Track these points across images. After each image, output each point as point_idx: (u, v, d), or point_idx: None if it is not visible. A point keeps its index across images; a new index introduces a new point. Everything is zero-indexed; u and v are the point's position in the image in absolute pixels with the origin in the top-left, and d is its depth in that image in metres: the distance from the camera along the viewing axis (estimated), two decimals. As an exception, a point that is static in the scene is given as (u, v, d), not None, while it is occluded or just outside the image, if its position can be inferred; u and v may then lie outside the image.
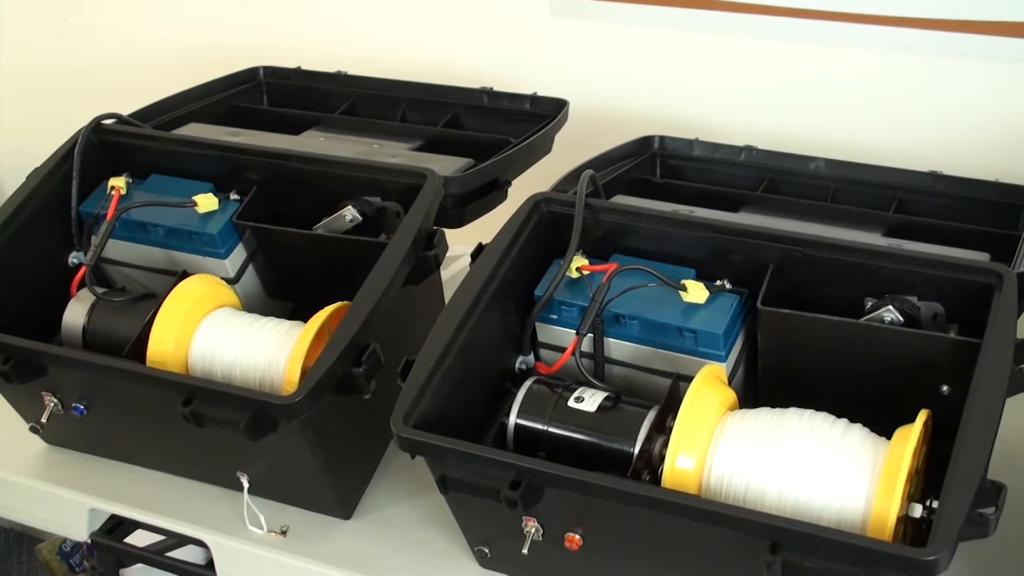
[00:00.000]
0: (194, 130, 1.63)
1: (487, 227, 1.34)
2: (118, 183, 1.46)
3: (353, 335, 1.21)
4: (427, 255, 1.33)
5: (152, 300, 1.37)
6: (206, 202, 1.43)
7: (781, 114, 1.75)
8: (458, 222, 1.45)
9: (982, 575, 1.24)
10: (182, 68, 1.85)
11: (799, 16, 1.67)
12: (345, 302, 1.28)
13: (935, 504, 1.02)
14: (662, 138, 1.60)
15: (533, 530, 1.13)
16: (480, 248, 1.29)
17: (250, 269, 1.47)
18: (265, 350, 1.30)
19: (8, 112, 2.39)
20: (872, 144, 1.67)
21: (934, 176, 1.47)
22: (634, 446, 1.15)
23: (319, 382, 1.18)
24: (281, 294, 1.51)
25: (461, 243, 1.43)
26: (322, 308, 1.29)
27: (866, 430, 1.11)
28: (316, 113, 1.71)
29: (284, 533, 1.33)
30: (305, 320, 1.29)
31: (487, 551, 1.24)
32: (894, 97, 1.68)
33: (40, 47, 2.33)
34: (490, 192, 1.49)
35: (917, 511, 1.05)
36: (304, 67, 1.80)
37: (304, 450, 1.24)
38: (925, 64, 1.64)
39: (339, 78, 1.77)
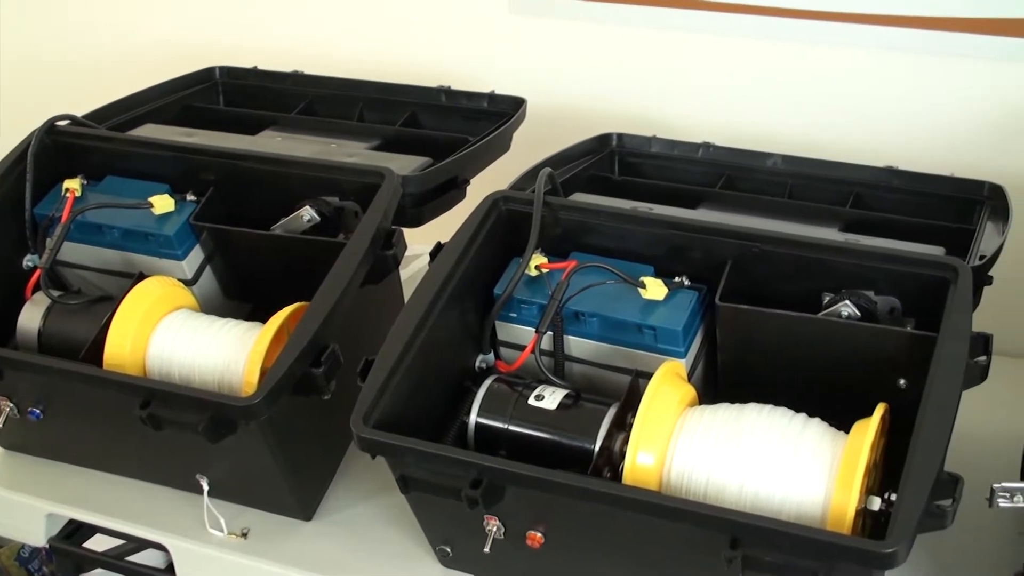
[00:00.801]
0: (150, 131, 1.61)
1: (446, 226, 1.34)
2: (73, 185, 1.45)
3: (312, 336, 1.21)
4: (386, 255, 1.32)
5: (108, 303, 1.36)
6: (162, 203, 1.42)
7: (739, 111, 1.75)
8: (417, 221, 1.45)
9: (940, 567, 1.25)
10: (138, 69, 1.83)
11: (755, 13, 1.68)
12: (304, 302, 1.27)
13: (893, 497, 1.03)
14: (620, 135, 1.60)
15: (495, 529, 1.13)
16: (439, 247, 1.29)
17: (208, 270, 1.46)
18: (223, 351, 1.29)
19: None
20: (829, 140, 1.68)
21: (890, 171, 1.48)
22: (595, 443, 1.15)
23: (278, 383, 1.17)
24: (239, 295, 1.50)
25: (420, 242, 1.42)
26: (281, 309, 1.29)
27: (824, 424, 1.12)
28: (273, 113, 1.71)
29: (245, 535, 1.32)
30: (264, 321, 1.29)
31: (449, 550, 1.23)
32: (850, 93, 1.69)
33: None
34: (448, 191, 1.49)
35: (876, 504, 1.06)
36: (261, 67, 1.79)
37: (264, 452, 1.23)
38: (881, 60, 1.65)
39: (296, 78, 1.77)
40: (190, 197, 1.44)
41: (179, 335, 1.31)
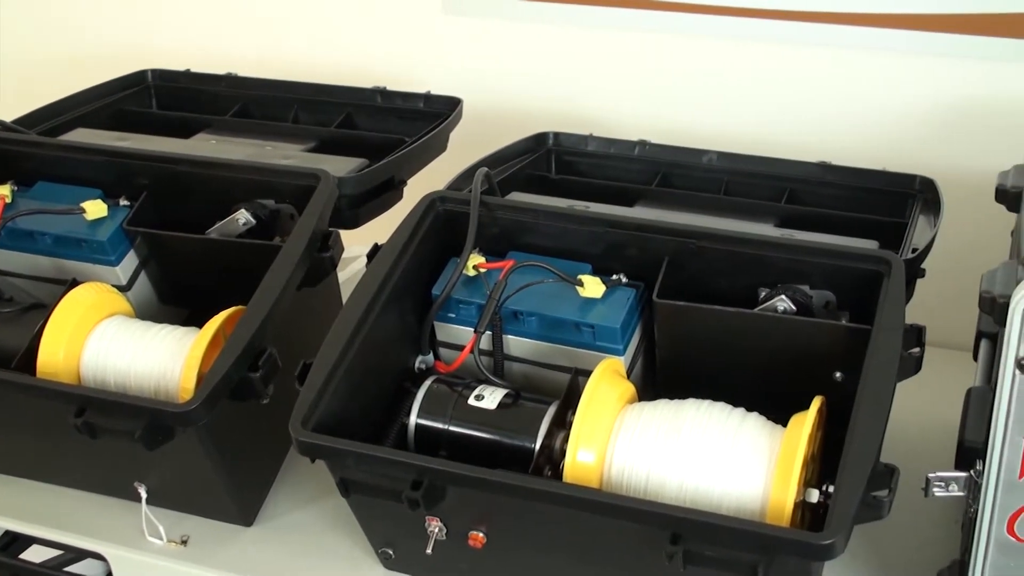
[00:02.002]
0: (81, 135, 1.59)
1: (383, 227, 1.33)
2: (3, 191, 1.43)
3: (249, 340, 1.20)
4: (322, 257, 1.32)
5: (41, 310, 1.34)
6: (95, 209, 1.40)
7: (674, 108, 1.76)
8: (353, 223, 1.44)
9: (880, 557, 1.26)
10: (68, 73, 1.81)
11: (690, 11, 1.69)
12: (240, 306, 1.26)
13: (831, 489, 1.04)
14: (556, 134, 1.60)
15: (436, 530, 1.13)
16: (376, 248, 1.28)
17: (142, 276, 1.45)
18: (159, 357, 1.27)
19: None
20: (764, 136, 1.69)
21: (824, 167, 1.49)
22: (535, 442, 1.15)
23: (215, 388, 1.16)
24: (175, 300, 1.48)
25: (357, 244, 1.42)
26: (218, 313, 1.27)
27: (762, 418, 1.13)
28: (207, 116, 1.69)
29: (184, 543, 1.31)
30: (200, 326, 1.27)
31: (391, 552, 1.23)
32: (784, 89, 1.70)
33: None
34: (385, 192, 1.48)
35: (814, 496, 1.07)
36: (193, 69, 1.78)
37: (202, 458, 1.22)
38: (813, 57, 1.66)
39: (229, 80, 1.75)
40: (123, 202, 1.43)
41: (114, 342, 1.30)
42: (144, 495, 1.30)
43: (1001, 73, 1.58)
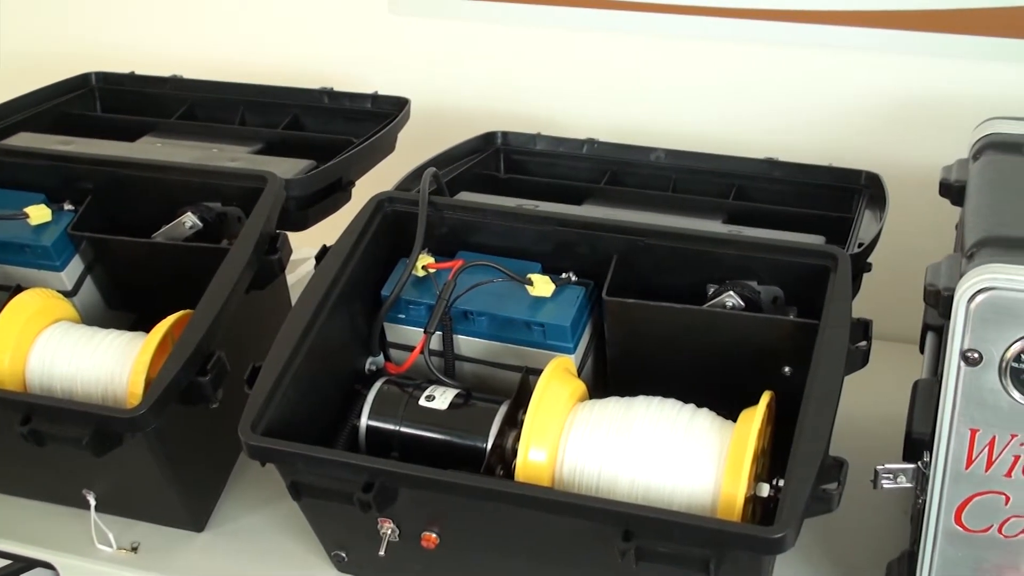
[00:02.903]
0: (24, 140, 1.57)
1: (332, 229, 1.33)
2: (-57, 198, 1.41)
3: (197, 344, 1.19)
4: (270, 259, 1.31)
5: (-15, 317, 1.32)
6: (38, 213, 1.38)
7: (622, 106, 1.77)
8: (302, 225, 1.44)
9: (830, 550, 1.27)
10: (9, 76, 1.79)
11: (636, 10, 1.69)
12: (188, 310, 1.25)
13: (781, 483, 1.04)
14: (505, 134, 1.60)
15: (389, 531, 1.13)
16: (324, 250, 1.28)
17: (88, 281, 1.43)
18: (106, 363, 1.26)
19: None
20: (711, 133, 1.70)
21: (771, 163, 1.50)
22: (486, 442, 1.15)
23: (163, 393, 1.15)
24: (122, 305, 1.47)
25: (306, 246, 1.41)
26: (165, 318, 1.26)
27: (712, 414, 1.13)
28: (152, 119, 1.67)
29: (135, 550, 1.30)
30: (148, 331, 1.26)
31: (344, 555, 1.23)
32: (731, 87, 1.71)
33: None
34: (333, 193, 1.48)
35: (764, 490, 1.07)
36: (138, 72, 1.76)
37: (151, 464, 1.21)
38: (759, 54, 1.67)
39: (174, 82, 1.74)
40: (68, 207, 1.41)
41: (60, 348, 1.28)
42: (93, 502, 1.29)
43: (944, 69, 1.59)
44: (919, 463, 1.05)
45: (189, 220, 1.37)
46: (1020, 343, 0.93)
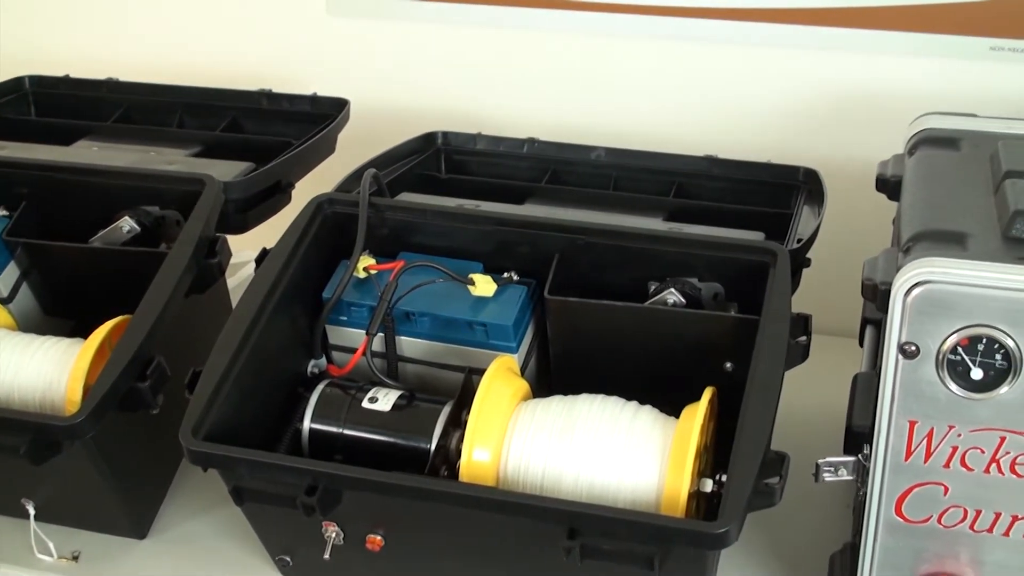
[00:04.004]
0: (-44, 145, 1.55)
1: (273, 231, 1.32)
2: None
3: (136, 349, 1.17)
4: (210, 263, 1.30)
5: (-82, 325, 1.31)
6: (-28, 220, 1.37)
7: (562, 105, 1.77)
8: (241, 228, 1.42)
9: (774, 544, 1.28)
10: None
11: (575, 9, 1.70)
12: (126, 316, 1.24)
13: (724, 478, 1.05)
14: (445, 134, 1.60)
15: (334, 535, 1.12)
16: (264, 253, 1.27)
17: (24, 287, 1.41)
18: (44, 370, 1.24)
19: None
20: (651, 131, 1.71)
21: (710, 160, 1.51)
22: (430, 442, 1.15)
23: (102, 400, 1.14)
24: (59, 311, 1.45)
25: (246, 249, 1.40)
26: (104, 324, 1.25)
27: (655, 411, 1.14)
28: (88, 122, 1.65)
29: (76, 558, 1.29)
30: (86, 337, 1.25)
31: (289, 560, 1.22)
32: (670, 85, 1.72)
33: None
34: (273, 196, 1.46)
35: (708, 486, 1.08)
36: (73, 75, 1.74)
37: (91, 471, 1.20)
38: (698, 52, 1.68)
39: (111, 85, 1.72)
40: (2, 212, 1.39)
41: (-5, 356, 1.27)
42: (32, 511, 1.27)
43: (880, 65, 1.61)
44: (859, 456, 1.06)
45: (127, 224, 1.35)
46: (956, 336, 0.95)
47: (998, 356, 0.94)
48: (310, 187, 1.42)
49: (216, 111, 1.67)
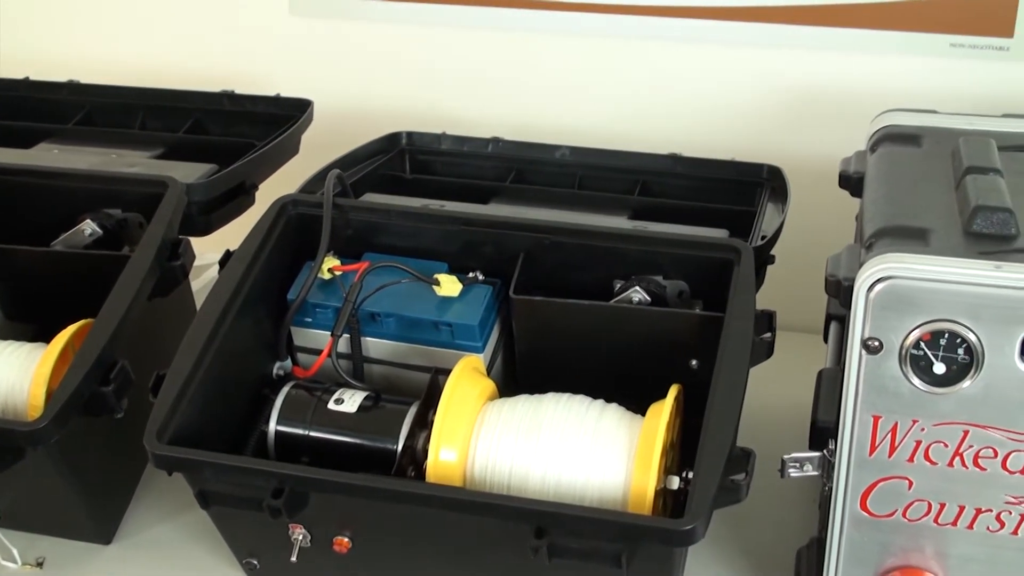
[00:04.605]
0: (-85, 149, 1.54)
1: (237, 233, 1.31)
2: None
3: (99, 353, 1.17)
4: (173, 266, 1.29)
5: None
6: (-69, 224, 1.35)
7: (526, 104, 1.77)
8: (205, 230, 1.42)
9: (742, 540, 1.29)
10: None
11: (539, 8, 1.70)
12: (89, 319, 1.23)
13: (691, 475, 1.05)
14: (409, 134, 1.60)
15: (300, 537, 1.12)
16: (228, 255, 1.26)
17: (-15, 292, 1.40)
18: (5, 375, 1.23)
19: None
20: (615, 130, 1.71)
21: (674, 158, 1.52)
22: (397, 443, 1.15)
23: (65, 404, 1.13)
24: (21, 316, 1.43)
25: (210, 251, 1.39)
26: (66, 328, 1.24)
27: (622, 409, 1.14)
28: (48, 125, 1.64)
29: (40, 565, 1.27)
30: (48, 342, 1.24)
31: (256, 563, 1.21)
32: (634, 83, 1.72)
33: None
34: (236, 197, 1.46)
35: (675, 483, 1.08)
36: (33, 77, 1.73)
37: (55, 476, 1.19)
38: (661, 50, 1.69)
39: (71, 87, 1.70)
40: (-39, 216, 1.38)
41: (-43, 361, 1.25)
42: (-5, 518, 1.26)
43: (841, 63, 1.62)
44: (825, 451, 1.06)
45: (88, 228, 1.34)
46: (918, 330, 0.95)
47: (960, 351, 0.95)
48: (274, 188, 1.42)
49: (178, 112, 1.66)
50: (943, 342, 0.95)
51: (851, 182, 1.26)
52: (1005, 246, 0.97)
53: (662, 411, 1.09)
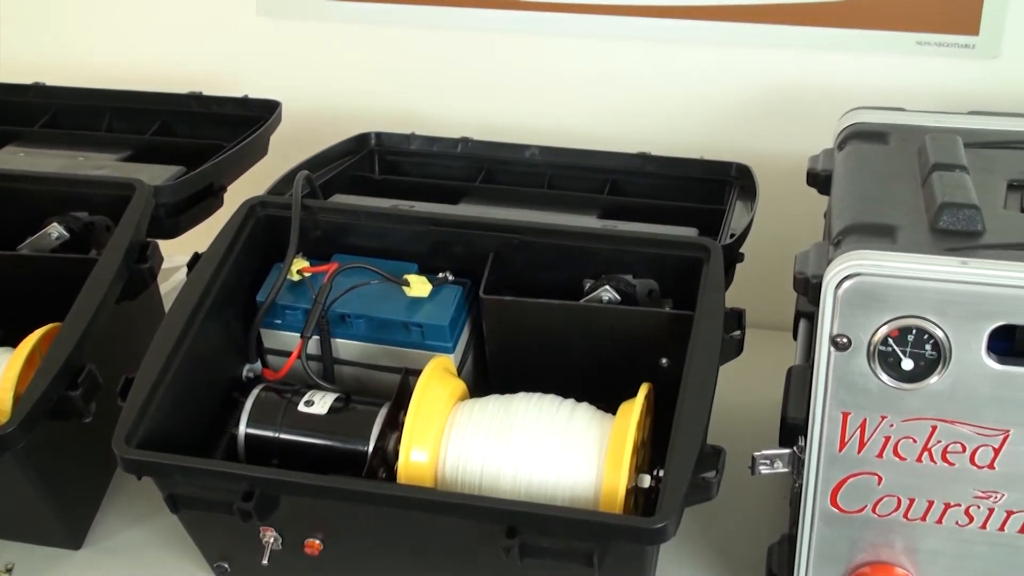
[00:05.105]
0: None
1: (206, 235, 1.31)
2: None
3: (66, 357, 1.16)
4: (141, 268, 1.28)
5: None
6: None
7: (496, 104, 1.77)
8: (173, 232, 1.41)
9: (712, 538, 1.29)
10: None
11: (507, 7, 1.70)
12: (56, 323, 1.22)
13: (662, 473, 1.05)
14: (379, 134, 1.59)
15: (272, 540, 1.11)
16: (196, 257, 1.25)
17: (-50, 297, 1.39)
18: (-28, 381, 1.22)
19: None
20: (584, 129, 1.71)
21: (643, 157, 1.52)
22: (368, 445, 1.15)
23: (32, 409, 1.12)
24: (-12, 320, 1.43)
25: (179, 254, 1.39)
26: (33, 331, 1.23)
27: (592, 408, 1.14)
28: (14, 128, 1.62)
29: (9, 571, 1.26)
30: (15, 346, 1.22)
31: (227, 566, 1.20)
32: (602, 82, 1.72)
33: None
34: (204, 199, 1.45)
35: (646, 481, 1.08)
36: (-2, 80, 1.72)
37: (23, 482, 1.18)
38: (629, 50, 1.69)
39: (37, 89, 1.69)
40: (-73, 220, 1.37)
41: (-78, 367, 1.24)
42: (-37, 525, 1.25)
43: (809, 61, 1.63)
44: (795, 448, 1.07)
45: (55, 231, 1.33)
46: (886, 327, 0.96)
47: (928, 346, 0.95)
48: (242, 190, 1.41)
49: (146, 114, 1.65)
50: (911, 338, 0.96)
51: (819, 180, 1.27)
52: (971, 242, 0.98)
53: (632, 410, 1.09)
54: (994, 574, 1.03)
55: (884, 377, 0.97)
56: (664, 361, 1.20)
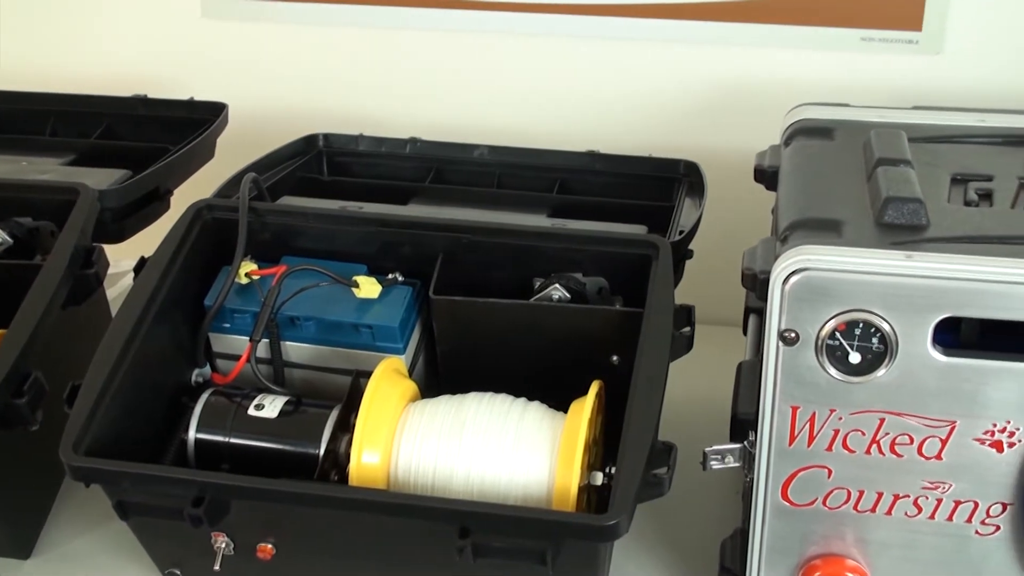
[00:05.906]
0: None
1: (153, 239, 1.29)
2: None
3: (11, 365, 1.14)
4: (86, 274, 1.27)
5: None
6: None
7: (444, 104, 1.77)
8: (119, 236, 1.39)
9: (666, 533, 1.29)
10: None
11: (455, 7, 1.70)
12: (1, 330, 1.20)
13: (614, 470, 1.05)
14: (327, 135, 1.59)
15: (223, 545, 1.11)
16: (143, 262, 1.24)
17: None
18: (-85, 390, 1.20)
19: None
20: (533, 128, 1.71)
21: (592, 156, 1.52)
22: (319, 448, 1.14)
23: (-23, 418, 1.11)
24: (-68, 329, 1.41)
25: (126, 258, 1.37)
26: (-23, 339, 1.22)
27: (544, 407, 1.14)
28: (-44, 134, 1.61)
29: (-44, 582, 1.25)
30: (-41, 354, 1.21)
31: (179, 573, 1.19)
32: (550, 81, 1.72)
33: None
34: (151, 203, 1.43)
35: (598, 479, 1.09)
36: (-62, 85, 1.70)
37: (-31, 492, 1.17)
38: (577, 48, 1.69)
39: (-22, 94, 1.67)
40: None
41: None
42: (-92, 536, 1.23)
43: (755, 58, 1.64)
44: (745, 443, 1.07)
45: (-2, 237, 1.32)
46: (834, 321, 0.96)
47: (875, 340, 0.96)
48: (189, 193, 1.40)
49: (90, 118, 1.63)
50: (858, 332, 0.96)
51: (766, 176, 1.28)
52: (916, 236, 0.99)
53: (583, 408, 1.09)
54: (942, 563, 1.04)
55: (832, 371, 0.98)
56: (615, 358, 1.20)
